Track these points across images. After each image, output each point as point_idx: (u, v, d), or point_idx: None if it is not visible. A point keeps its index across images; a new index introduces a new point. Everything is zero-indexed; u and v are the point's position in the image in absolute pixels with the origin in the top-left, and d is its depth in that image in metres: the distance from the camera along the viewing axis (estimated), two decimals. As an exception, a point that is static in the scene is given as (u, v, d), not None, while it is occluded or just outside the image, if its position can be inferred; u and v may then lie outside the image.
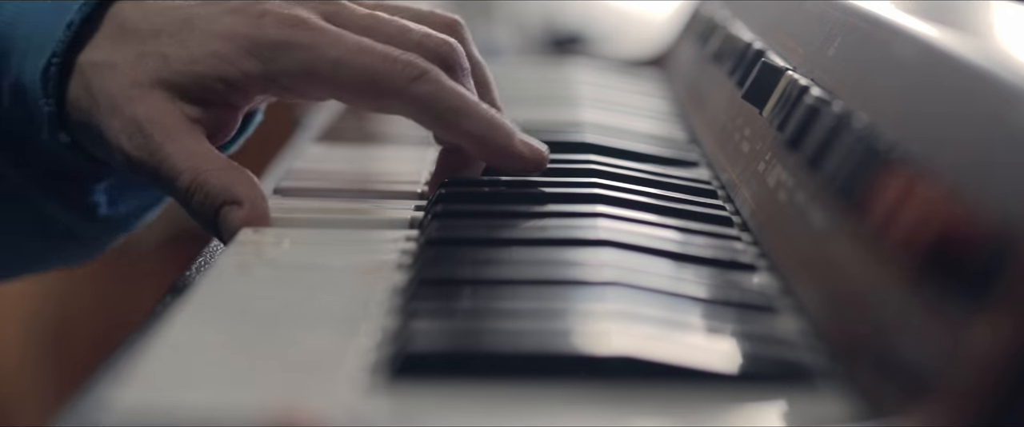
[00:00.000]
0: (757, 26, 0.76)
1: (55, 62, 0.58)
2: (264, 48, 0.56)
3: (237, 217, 0.56)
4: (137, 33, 0.58)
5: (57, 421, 0.39)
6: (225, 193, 0.56)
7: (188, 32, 0.57)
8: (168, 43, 0.57)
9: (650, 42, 1.11)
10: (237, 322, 0.46)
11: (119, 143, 0.57)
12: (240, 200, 0.56)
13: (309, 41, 0.56)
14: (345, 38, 0.57)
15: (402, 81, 0.57)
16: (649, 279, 0.49)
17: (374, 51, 0.57)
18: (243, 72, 0.57)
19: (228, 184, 0.56)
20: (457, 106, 0.57)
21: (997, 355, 0.35)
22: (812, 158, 0.52)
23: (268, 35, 0.56)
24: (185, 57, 0.57)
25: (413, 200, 0.61)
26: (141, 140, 0.56)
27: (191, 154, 0.56)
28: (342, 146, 0.73)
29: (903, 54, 0.51)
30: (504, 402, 0.40)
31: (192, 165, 0.56)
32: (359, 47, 0.57)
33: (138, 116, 0.56)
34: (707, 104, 0.79)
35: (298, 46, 0.56)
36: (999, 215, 0.37)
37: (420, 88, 0.57)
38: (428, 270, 0.49)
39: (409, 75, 0.57)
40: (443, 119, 0.58)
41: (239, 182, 0.56)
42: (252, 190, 0.56)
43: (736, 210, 0.61)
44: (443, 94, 0.57)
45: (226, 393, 0.39)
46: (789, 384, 0.41)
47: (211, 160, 0.57)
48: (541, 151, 0.60)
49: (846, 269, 0.45)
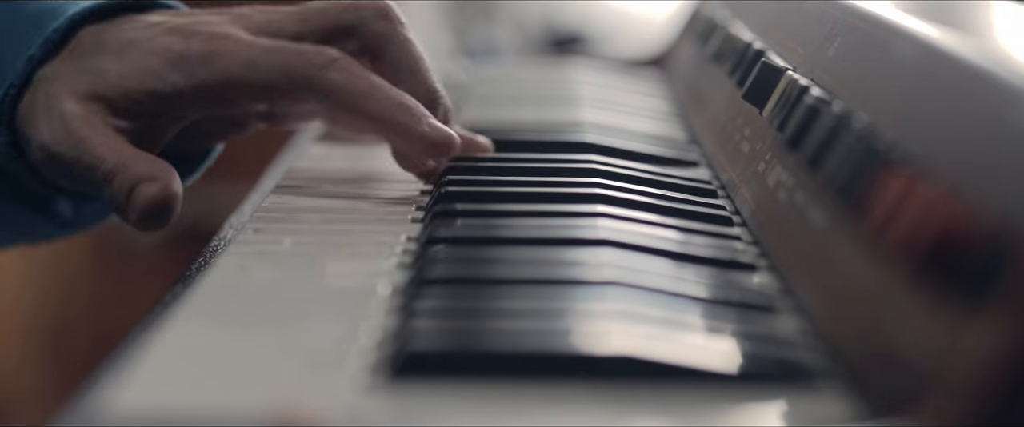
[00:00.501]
0: (757, 26, 0.76)
1: (11, 94, 0.60)
2: (189, 62, 0.59)
3: (149, 191, 0.57)
4: (84, 52, 0.60)
5: (57, 421, 0.39)
6: (141, 174, 0.58)
7: (128, 50, 0.59)
8: (108, 60, 0.59)
9: (650, 42, 1.11)
10: (237, 322, 0.46)
11: (41, 139, 0.59)
12: (156, 177, 0.57)
13: (227, 50, 0.59)
14: (259, 43, 0.60)
15: (312, 69, 0.59)
16: (649, 279, 0.49)
17: (286, 48, 0.60)
18: (171, 85, 0.59)
19: (148, 168, 0.58)
20: (365, 89, 0.59)
21: (997, 355, 0.35)
22: (812, 158, 0.52)
23: (192, 49, 0.59)
24: (119, 72, 0.59)
25: (413, 200, 0.61)
26: (63, 134, 0.58)
27: (115, 146, 0.58)
28: (342, 146, 0.73)
29: (903, 54, 0.51)
30: (504, 402, 0.40)
31: (116, 152, 0.58)
32: (271, 47, 0.59)
33: (66, 112, 0.58)
34: (707, 104, 0.79)
35: (217, 56, 0.59)
36: (999, 215, 0.37)
37: (330, 75, 0.59)
38: (428, 270, 0.49)
39: (318, 63, 0.59)
40: (352, 103, 0.59)
41: (158, 166, 0.58)
42: (169, 173, 0.58)
43: (736, 210, 0.61)
44: (352, 79, 0.59)
45: (226, 393, 0.39)
46: (789, 384, 0.41)
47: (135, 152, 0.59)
48: (449, 134, 0.61)
49: (846, 269, 0.45)
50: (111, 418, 0.37)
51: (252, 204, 0.66)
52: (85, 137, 0.58)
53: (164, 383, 0.40)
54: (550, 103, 0.87)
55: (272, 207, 0.60)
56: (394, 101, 0.60)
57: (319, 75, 0.59)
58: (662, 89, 0.97)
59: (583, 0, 1.85)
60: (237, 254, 0.53)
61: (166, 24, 0.60)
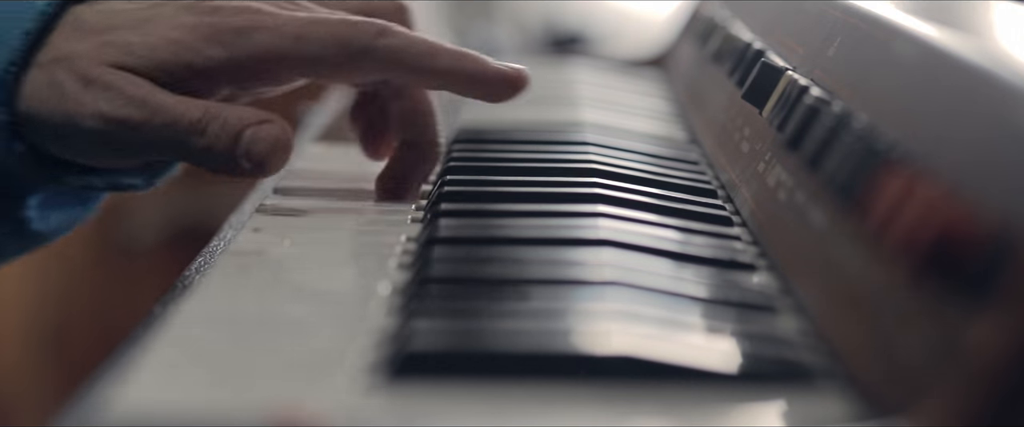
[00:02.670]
0: (757, 26, 0.76)
1: (12, 71, 0.58)
2: (226, 33, 0.57)
3: (271, 131, 0.56)
4: (95, 29, 0.58)
5: (57, 421, 0.39)
6: (245, 118, 0.56)
7: (147, 25, 0.58)
8: (128, 34, 0.57)
9: (650, 42, 1.11)
10: (237, 322, 0.46)
11: (97, 108, 0.56)
12: (266, 118, 0.56)
13: (269, 23, 0.57)
14: (299, 15, 0.58)
15: (367, 38, 0.57)
16: (649, 279, 0.49)
17: (331, 20, 0.58)
18: (207, 57, 0.57)
19: (243, 112, 0.56)
20: (427, 49, 0.58)
21: (997, 355, 0.35)
22: (812, 158, 0.52)
23: (228, 22, 0.57)
24: (147, 44, 0.57)
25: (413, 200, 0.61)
26: (124, 100, 0.56)
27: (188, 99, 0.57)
28: (342, 146, 0.73)
29: (903, 54, 0.51)
30: (504, 402, 0.40)
31: (194, 103, 0.56)
32: (315, 19, 0.58)
33: (116, 82, 0.56)
34: (707, 104, 0.79)
35: (258, 28, 0.57)
36: (999, 215, 0.37)
37: (388, 41, 0.58)
38: (428, 270, 0.49)
39: (372, 31, 0.58)
40: (417, 64, 0.58)
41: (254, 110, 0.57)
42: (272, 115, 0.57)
43: (736, 210, 0.61)
44: (411, 41, 0.58)
45: (226, 393, 0.39)
46: (789, 384, 0.41)
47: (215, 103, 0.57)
48: (519, 68, 0.60)
49: (846, 269, 0.45)
50: (111, 418, 0.37)
51: (252, 204, 0.66)
52: (147, 96, 0.56)
53: (164, 383, 0.40)
54: (550, 103, 0.87)
55: (272, 207, 0.60)
56: (457, 52, 0.59)
57: (377, 43, 0.57)
58: (662, 89, 0.97)
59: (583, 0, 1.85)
60: (237, 254, 0.53)
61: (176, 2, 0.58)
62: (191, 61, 0.57)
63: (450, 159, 0.67)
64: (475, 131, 0.74)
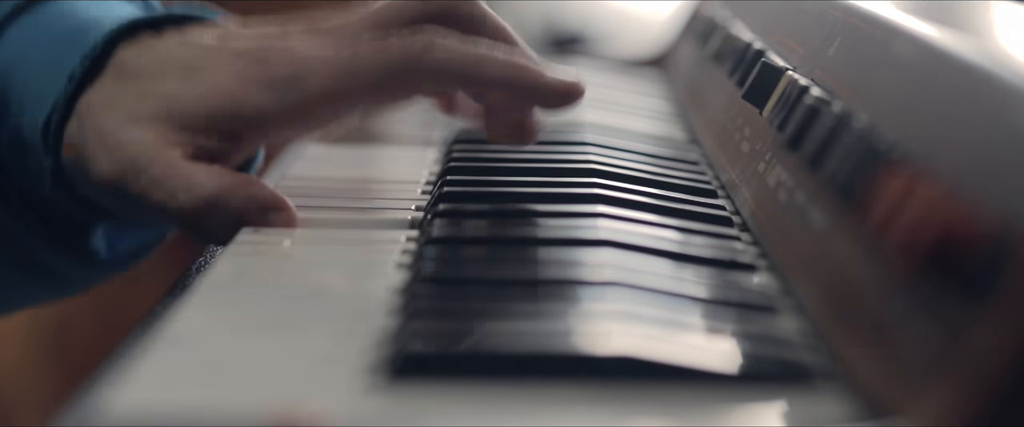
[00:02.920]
0: (757, 26, 0.76)
1: (56, 119, 0.57)
2: (277, 81, 0.56)
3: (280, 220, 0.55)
4: (141, 75, 0.57)
5: (57, 421, 0.39)
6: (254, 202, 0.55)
7: (196, 73, 0.57)
8: (174, 83, 0.56)
9: (650, 42, 1.11)
10: (237, 322, 0.46)
11: (104, 173, 0.56)
12: (280, 205, 0.56)
13: (318, 67, 0.56)
14: (342, 51, 0.56)
15: (414, 58, 0.56)
16: (649, 279, 0.49)
17: (374, 46, 0.56)
18: (257, 107, 0.56)
19: (248, 193, 0.56)
20: (476, 58, 0.57)
21: (997, 355, 0.35)
22: (812, 158, 0.52)
23: (277, 70, 0.56)
24: (194, 95, 0.56)
25: (413, 200, 0.61)
26: (135, 173, 0.55)
27: (196, 173, 0.55)
28: (342, 146, 0.73)
29: (903, 54, 0.51)
30: (504, 402, 0.40)
31: (202, 182, 0.55)
32: (358, 52, 0.56)
33: (130, 148, 0.56)
34: (707, 104, 0.79)
35: (307, 74, 0.56)
36: (999, 215, 0.37)
37: (434, 56, 0.56)
38: (428, 270, 0.49)
39: (417, 49, 0.56)
40: (469, 75, 0.57)
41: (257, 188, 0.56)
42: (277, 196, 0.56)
43: (736, 210, 0.61)
44: (458, 52, 0.56)
45: (226, 393, 0.39)
46: (789, 384, 0.41)
47: (219, 175, 0.56)
48: (575, 81, 0.58)
49: (846, 269, 0.45)
50: (111, 418, 0.37)
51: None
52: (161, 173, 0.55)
53: (164, 383, 0.40)
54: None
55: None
56: (509, 62, 0.57)
57: (425, 59, 0.56)
58: (662, 89, 0.97)
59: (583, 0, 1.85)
60: (237, 254, 0.53)
61: (227, 46, 0.57)
62: (240, 111, 0.56)
63: (450, 159, 0.67)
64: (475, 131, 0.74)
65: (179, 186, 0.55)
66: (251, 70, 0.56)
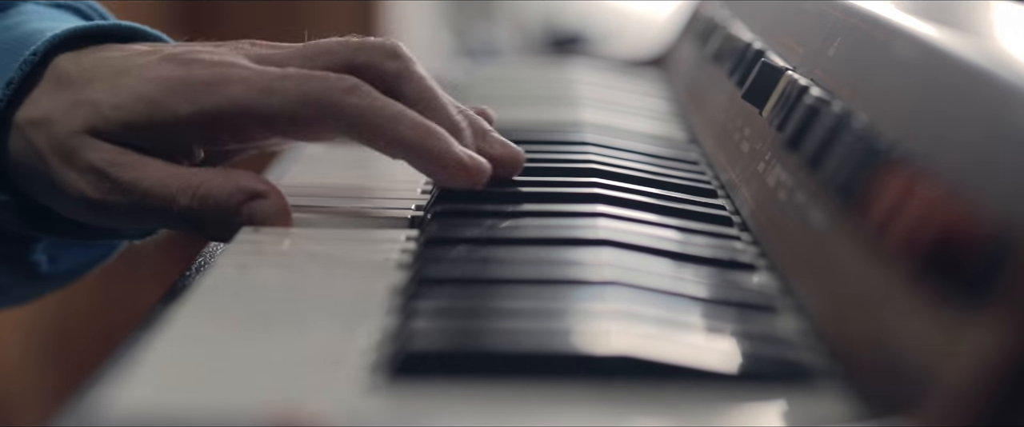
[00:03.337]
0: (757, 26, 0.76)
1: None
2: (195, 87, 0.55)
3: (266, 207, 0.55)
4: (73, 84, 0.57)
5: (57, 421, 0.39)
6: (239, 192, 0.55)
7: (121, 78, 0.56)
8: (100, 89, 0.56)
9: (650, 42, 1.11)
10: (237, 322, 0.46)
11: (80, 191, 0.56)
12: (262, 192, 0.56)
13: (238, 76, 0.56)
14: (269, 70, 0.56)
15: (336, 95, 0.55)
16: (649, 279, 0.49)
17: (302, 74, 0.56)
18: (173, 114, 0.56)
19: (235, 184, 0.56)
20: (394, 114, 0.56)
21: (997, 355, 0.35)
22: (812, 158, 0.52)
23: (198, 75, 0.56)
24: (114, 103, 0.56)
25: (413, 200, 0.61)
26: (108, 184, 0.56)
27: (170, 175, 0.56)
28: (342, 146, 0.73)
29: (903, 54, 0.51)
30: (504, 402, 0.40)
31: (180, 184, 0.55)
32: (285, 74, 0.56)
33: (94, 162, 0.56)
34: (707, 104, 0.79)
35: (227, 82, 0.55)
36: (999, 215, 0.37)
37: (355, 100, 0.55)
38: (428, 270, 0.49)
39: (342, 88, 0.55)
40: (382, 130, 0.56)
41: (243, 177, 0.56)
42: (262, 181, 0.56)
43: (736, 210, 0.61)
44: (380, 104, 0.56)
45: (226, 393, 0.39)
46: (789, 384, 0.41)
47: (194, 173, 0.56)
48: (481, 161, 0.58)
49: (846, 269, 0.45)
50: (111, 418, 0.37)
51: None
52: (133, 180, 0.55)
53: (164, 383, 0.40)
54: (550, 103, 0.87)
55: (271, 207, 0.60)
56: (423, 126, 0.56)
57: (345, 101, 0.55)
58: (662, 89, 0.97)
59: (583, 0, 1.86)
60: (237, 254, 0.53)
61: (159, 52, 0.57)
62: (157, 118, 0.56)
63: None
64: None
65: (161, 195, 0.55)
66: (174, 73, 0.56)
